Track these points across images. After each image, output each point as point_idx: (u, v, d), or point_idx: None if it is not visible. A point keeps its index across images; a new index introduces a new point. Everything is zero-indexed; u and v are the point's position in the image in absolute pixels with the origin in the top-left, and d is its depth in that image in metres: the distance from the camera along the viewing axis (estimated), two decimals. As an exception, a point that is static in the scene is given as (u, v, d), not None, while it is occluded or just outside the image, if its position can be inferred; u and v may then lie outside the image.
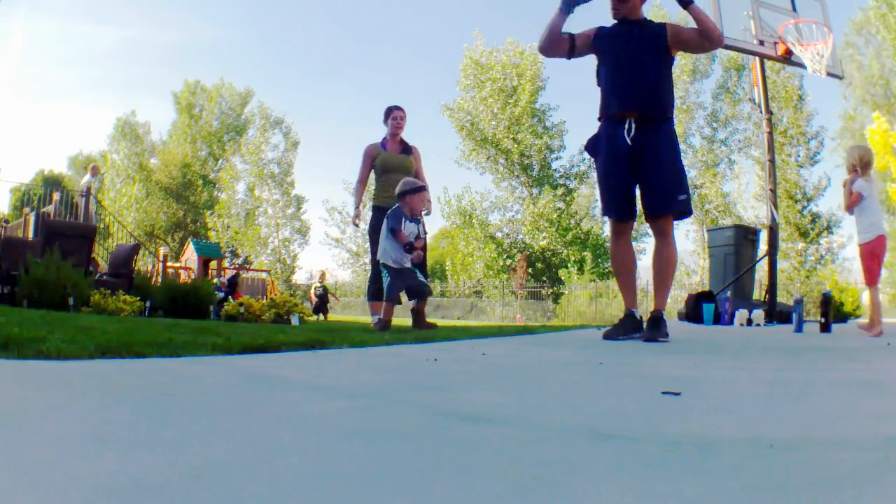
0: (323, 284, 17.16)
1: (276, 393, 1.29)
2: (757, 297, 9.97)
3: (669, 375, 1.75)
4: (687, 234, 27.92)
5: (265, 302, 6.48)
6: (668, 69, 3.53)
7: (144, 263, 15.93)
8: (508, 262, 26.47)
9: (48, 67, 55.83)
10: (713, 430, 0.96)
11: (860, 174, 5.05)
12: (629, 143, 3.33)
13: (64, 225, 9.16)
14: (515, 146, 26.60)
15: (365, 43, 56.20)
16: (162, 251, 16.81)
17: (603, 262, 24.95)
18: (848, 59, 23.16)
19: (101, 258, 11.22)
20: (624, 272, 3.64)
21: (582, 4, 3.54)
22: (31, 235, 10.18)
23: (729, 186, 26.78)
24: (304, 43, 56.21)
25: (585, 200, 28.38)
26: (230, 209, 32.77)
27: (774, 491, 0.63)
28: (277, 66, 55.16)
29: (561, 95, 50.32)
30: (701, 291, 8.64)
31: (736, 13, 7.93)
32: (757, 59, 8.33)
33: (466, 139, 27.43)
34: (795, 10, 8.21)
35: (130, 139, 35.81)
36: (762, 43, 7.96)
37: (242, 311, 6.02)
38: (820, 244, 24.90)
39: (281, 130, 34.16)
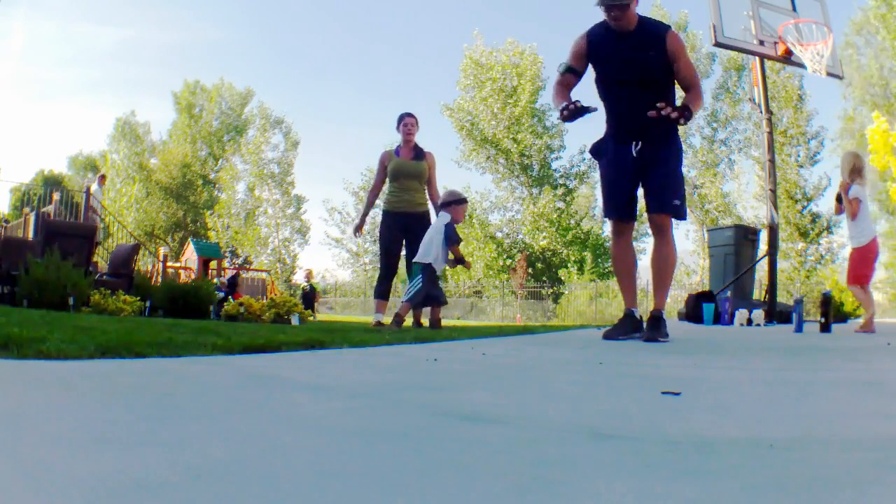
0: (310, 283, 17.02)
1: (276, 393, 1.29)
2: (757, 297, 9.97)
3: (669, 375, 1.75)
4: (687, 234, 27.93)
5: (265, 302, 6.48)
6: (671, 80, 3.43)
7: (144, 263, 15.92)
8: (508, 262, 26.48)
9: (48, 67, 55.83)
10: (713, 430, 0.96)
11: (854, 180, 5.22)
12: (635, 155, 3.38)
13: (64, 225, 9.16)
14: (515, 146, 26.61)
15: (365, 43, 56.20)
16: (162, 251, 16.82)
17: (603, 262, 24.96)
18: (848, 59, 23.15)
19: (101, 258, 11.21)
20: (624, 273, 3.64)
21: (585, 115, 3.33)
22: (31, 235, 10.18)
23: (729, 186, 26.84)
24: (304, 43, 56.21)
25: (585, 200, 28.40)
26: (230, 209, 32.78)
27: (774, 491, 0.63)
28: (277, 66, 55.14)
29: (561, 95, 50.19)
30: (701, 291, 8.64)
31: (736, 13, 7.93)
32: (757, 59, 8.33)
33: (466, 139, 27.44)
34: (795, 10, 8.21)
35: (130, 139, 35.82)
36: (762, 43, 7.96)
37: (242, 311, 6.02)
38: (820, 244, 24.92)
39: (281, 130, 34.21)
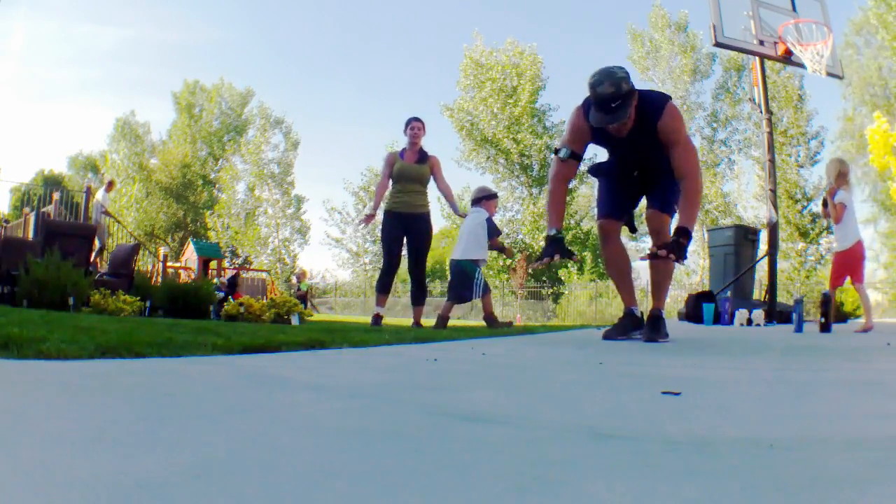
0: (302, 283, 16.91)
1: (276, 393, 1.29)
2: (757, 297, 9.97)
3: (669, 375, 1.75)
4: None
5: (265, 302, 6.48)
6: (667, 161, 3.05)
7: (144, 263, 15.92)
8: (508, 262, 26.46)
9: (48, 67, 55.84)
10: (713, 430, 0.96)
11: (841, 186, 5.42)
12: (635, 175, 3.35)
13: (64, 225, 9.16)
14: (515, 146, 26.58)
15: (365, 43, 56.21)
16: (162, 251, 16.81)
17: (603, 261, 24.87)
18: (848, 59, 23.15)
19: (100, 258, 11.21)
20: (619, 273, 3.59)
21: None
22: (31, 235, 10.18)
23: (729, 186, 26.82)
24: (304, 43, 56.25)
25: (585, 200, 28.34)
26: (230, 209, 32.76)
27: (774, 491, 0.63)
28: (277, 66, 55.17)
29: (561, 95, 50.27)
30: (701, 291, 8.64)
31: (736, 13, 7.93)
32: (757, 59, 8.33)
33: (466, 139, 27.41)
34: (795, 10, 8.21)
35: (130, 139, 35.79)
36: (762, 43, 7.96)
37: (242, 311, 6.02)
38: (820, 244, 24.89)
39: (281, 130, 34.18)
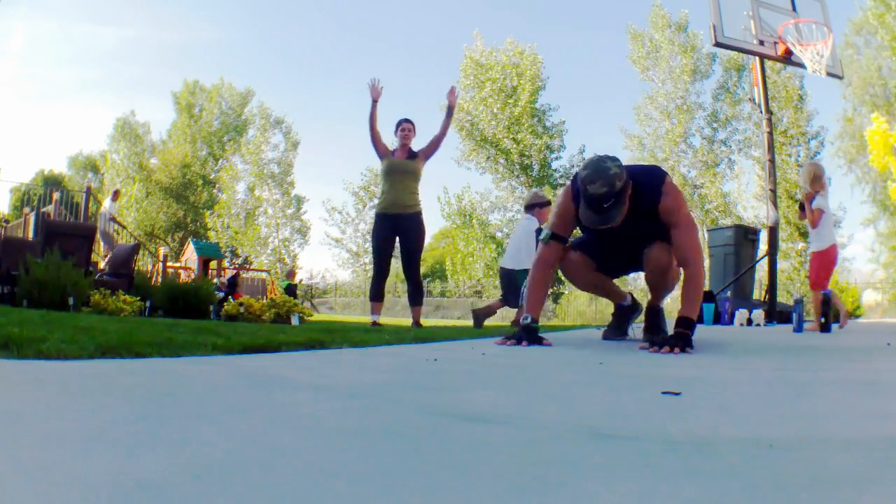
0: (291, 283, 16.67)
1: (276, 393, 1.29)
2: (757, 297, 9.98)
3: (669, 375, 1.75)
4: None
5: (265, 302, 6.48)
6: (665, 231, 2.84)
7: (144, 263, 15.91)
8: (508, 262, 26.45)
9: (48, 67, 55.85)
10: (713, 430, 0.96)
11: (818, 191, 5.60)
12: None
13: (64, 225, 9.16)
14: (515, 146, 26.58)
15: (365, 43, 56.24)
16: (162, 251, 16.80)
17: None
18: (848, 59, 23.15)
19: (101, 258, 11.22)
20: (598, 288, 3.42)
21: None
22: (31, 235, 10.18)
23: (729, 186, 26.78)
24: (304, 43, 56.26)
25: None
26: (230, 209, 32.75)
27: (774, 491, 0.63)
28: (277, 66, 55.18)
29: (561, 95, 50.35)
30: (701, 291, 8.63)
31: (736, 13, 7.94)
32: (757, 59, 8.33)
33: (466, 139, 27.40)
34: (795, 10, 8.22)
35: (130, 139, 35.77)
36: (762, 43, 7.97)
37: (242, 311, 6.02)
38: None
39: (281, 130, 34.15)
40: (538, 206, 5.59)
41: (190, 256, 16.28)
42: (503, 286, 5.69)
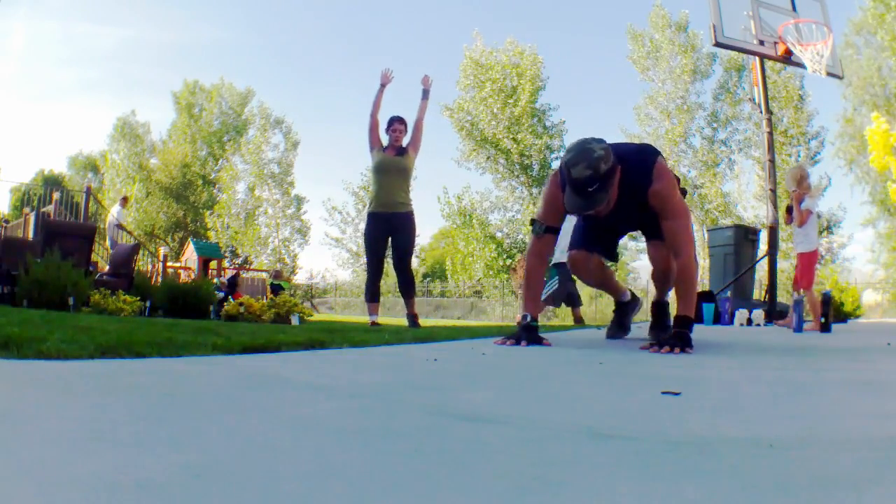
0: (278, 283, 16.52)
1: (276, 393, 1.29)
2: (757, 297, 9.98)
3: (669, 375, 1.75)
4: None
5: (265, 302, 6.48)
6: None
7: (144, 263, 15.91)
8: (508, 262, 26.45)
9: (48, 67, 55.87)
10: (713, 430, 0.96)
11: (805, 192, 5.78)
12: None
13: (64, 225, 9.15)
14: (515, 146, 26.58)
15: (365, 42, 56.19)
16: (162, 251, 16.80)
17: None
18: (848, 59, 23.14)
19: (101, 258, 11.22)
20: (601, 284, 3.43)
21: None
22: (31, 235, 10.17)
23: (729, 186, 26.78)
24: (304, 43, 56.23)
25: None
26: (230, 209, 32.75)
27: (774, 491, 0.63)
28: (277, 66, 55.15)
29: (561, 95, 50.32)
30: (701, 291, 8.64)
31: (736, 13, 7.94)
32: (757, 59, 8.34)
33: (466, 139, 27.41)
34: (795, 10, 8.22)
35: (130, 139, 35.77)
36: (762, 43, 7.97)
37: (242, 311, 6.02)
38: (820, 244, 24.89)
39: (281, 130, 34.16)
40: None
41: (190, 256, 16.28)
42: (565, 279, 6.58)
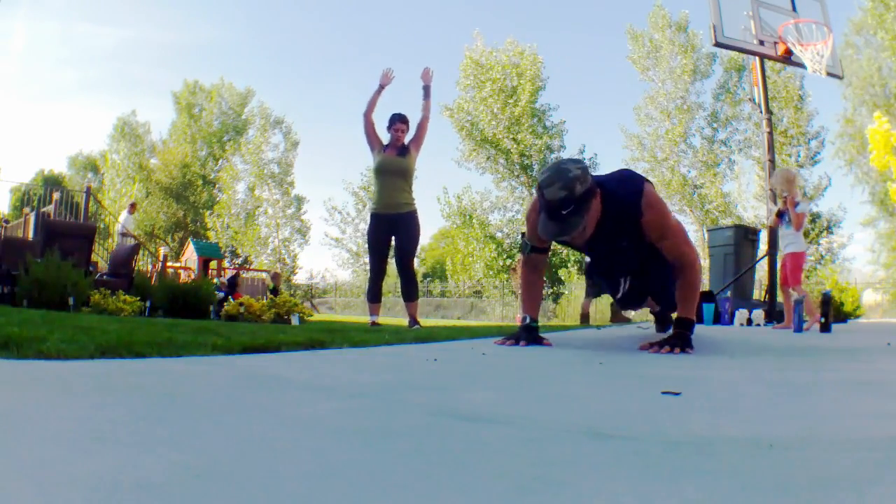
0: (274, 286, 16.54)
1: (276, 393, 1.29)
2: (757, 297, 9.98)
3: (669, 375, 1.75)
4: (687, 234, 27.89)
5: (265, 302, 6.48)
6: (652, 253, 2.65)
7: (144, 263, 15.91)
8: (508, 262, 26.45)
9: (48, 67, 55.80)
10: (713, 430, 0.96)
11: (797, 195, 5.81)
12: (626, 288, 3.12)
13: (64, 225, 9.16)
14: (515, 146, 26.58)
15: (365, 42, 56.21)
16: (162, 251, 16.80)
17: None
18: (848, 59, 23.14)
19: (101, 258, 11.22)
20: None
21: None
22: (31, 235, 10.18)
23: (729, 186, 26.77)
24: (304, 43, 56.19)
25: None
26: (230, 209, 32.75)
27: (774, 491, 0.63)
28: (277, 66, 55.10)
29: (561, 95, 50.31)
30: (701, 291, 8.64)
31: (736, 13, 7.94)
32: (757, 59, 8.33)
33: (466, 139, 27.41)
34: (795, 10, 8.22)
35: (130, 139, 35.77)
36: (762, 43, 7.97)
37: (242, 311, 6.02)
38: (820, 244, 24.88)
39: (281, 130, 34.14)
40: None
41: (190, 256, 16.28)
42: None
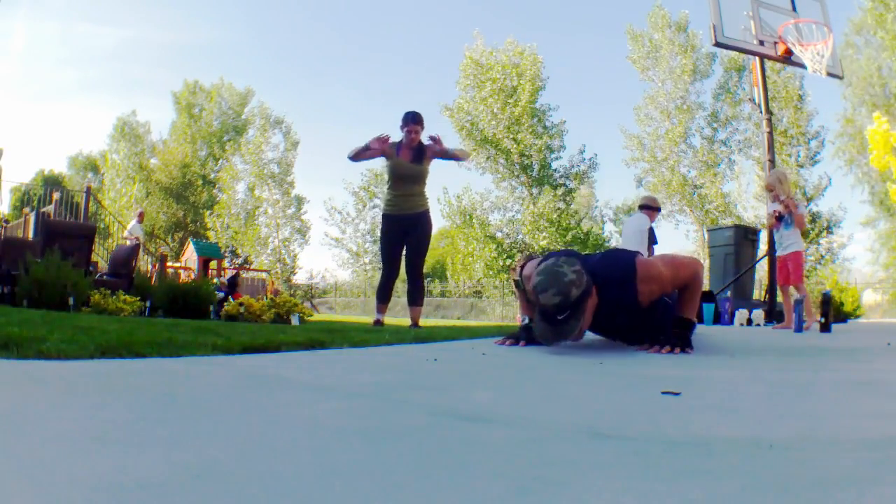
0: (275, 288, 16.83)
1: (276, 393, 1.29)
2: (757, 297, 9.98)
3: (669, 375, 1.75)
4: (687, 234, 27.89)
5: (265, 302, 6.48)
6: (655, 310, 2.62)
7: (144, 263, 15.91)
8: (508, 262, 26.45)
9: (48, 67, 55.79)
10: (713, 430, 0.96)
11: (787, 195, 5.87)
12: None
13: (64, 225, 9.15)
14: (515, 146, 26.58)
15: (365, 42, 56.23)
16: (161, 251, 16.81)
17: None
18: (848, 59, 23.15)
19: (101, 258, 11.23)
20: None
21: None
22: (31, 235, 10.18)
23: (729, 186, 26.79)
24: (304, 43, 56.20)
25: (586, 200, 28.30)
26: (230, 209, 32.75)
27: (774, 491, 0.63)
28: (277, 66, 55.11)
29: (561, 95, 50.33)
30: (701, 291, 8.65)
31: (736, 13, 7.94)
32: (757, 59, 8.33)
33: (466, 139, 27.40)
34: (795, 10, 8.22)
35: (130, 139, 35.78)
36: (762, 43, 7.97)
37: (242, 311, 6.02)
38: (820, 244, 24.89)
39: (281, 130, 34.13)
40: (648, 208, 6.20)
41: (190, 256, 16.29)
42: None
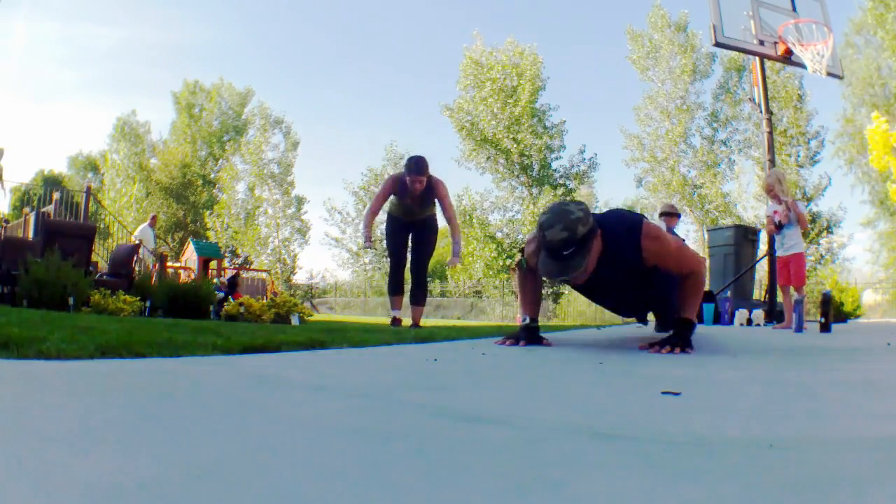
0: (274, 290, 17.00)
1: (276, 393, 1.29)
2: (757, 297, 9.98)
3: (669, 375, 1.75)
4: (687, 234, 27.89)
5: (265, 302, 6.48)
6: (654, 279, 2.65)
7: (144, 263, 15.90)
8: (508, 262, 26.44)
9: (48, 67, 55.79)
10: (713, 430, 0.96)
11: (786, 196, 5.91)
12: None
13: (64, 225, 9.15)
14: (515, 146, 26.58)
15: (365, 42, 56.22)
16: (160, 251, 16.81)
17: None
18: (848, 59, 23.15)
19: (101, 258, 11.23)
20: None
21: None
22: (31, 235, 10.17)
23: (729, 186, 26.79)
24: (303, 43, 56.21)
25: (586, 200, 28.23)
26: (230, 209, 32.75)
27: (774, 491, 0.62)
28: (277, 66, 55.16)
29: (561, 95, 50.35)
30: (701, 291, 8.65)
31: (736, 13, 7.94)
32: (757, 59, 8.33)
33: (466, 139, 27.41)
34: (795, 10, 8.22)
35: (130, 139, 35.79)
36: (762, 43, 7.97)
37: (242, 311, 6.02)
38: (820, 244, 24.89)
39: (281, 130, 34.14)
40: (668, 214, 6.54)
41: (190, 256, 16.28)
42: None
